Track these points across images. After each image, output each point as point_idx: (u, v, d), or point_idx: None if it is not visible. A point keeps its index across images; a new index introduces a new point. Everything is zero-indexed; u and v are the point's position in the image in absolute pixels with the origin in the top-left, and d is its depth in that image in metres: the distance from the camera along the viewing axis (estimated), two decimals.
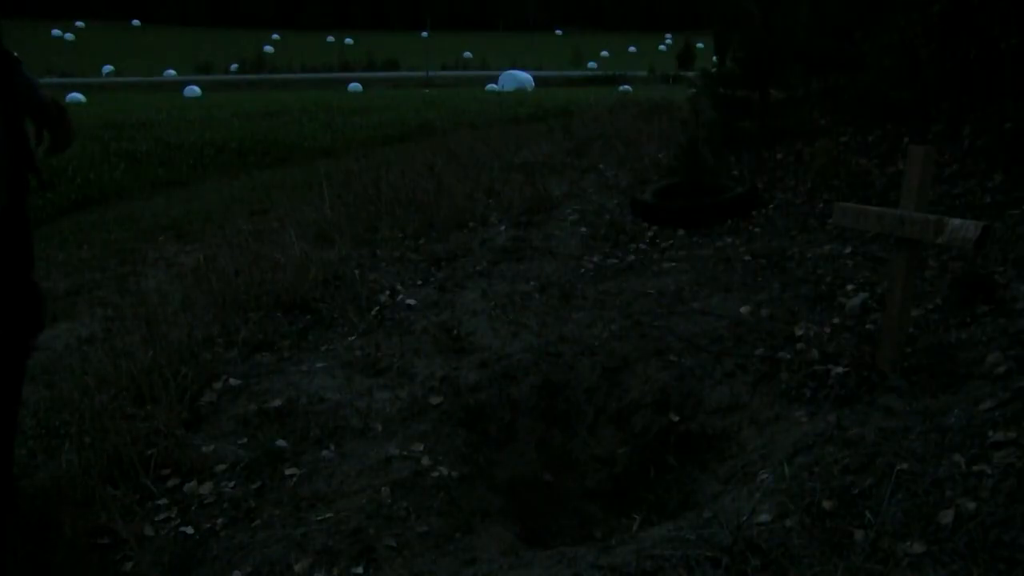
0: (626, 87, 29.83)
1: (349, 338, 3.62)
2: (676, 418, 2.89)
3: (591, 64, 72.19)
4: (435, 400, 2.99)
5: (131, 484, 2.47)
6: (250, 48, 75.76)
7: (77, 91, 34.93)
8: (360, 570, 2.07)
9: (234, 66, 68.85)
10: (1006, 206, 4.27)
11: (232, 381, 3.17)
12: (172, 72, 62.37)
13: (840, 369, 2.80)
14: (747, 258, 4.30)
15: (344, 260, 4.77)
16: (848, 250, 4.15)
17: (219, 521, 2.30)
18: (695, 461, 2.74)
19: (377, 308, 3.98)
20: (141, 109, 18.56)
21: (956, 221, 2.48)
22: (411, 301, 4.04)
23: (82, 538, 2.19)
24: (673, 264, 4.38)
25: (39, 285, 2.02)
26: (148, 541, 2.23)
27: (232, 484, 2.47)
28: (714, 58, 8.02)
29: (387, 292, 4.20)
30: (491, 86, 38.38)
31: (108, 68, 65.53)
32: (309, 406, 2.93)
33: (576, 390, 3.13)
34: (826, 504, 1.98)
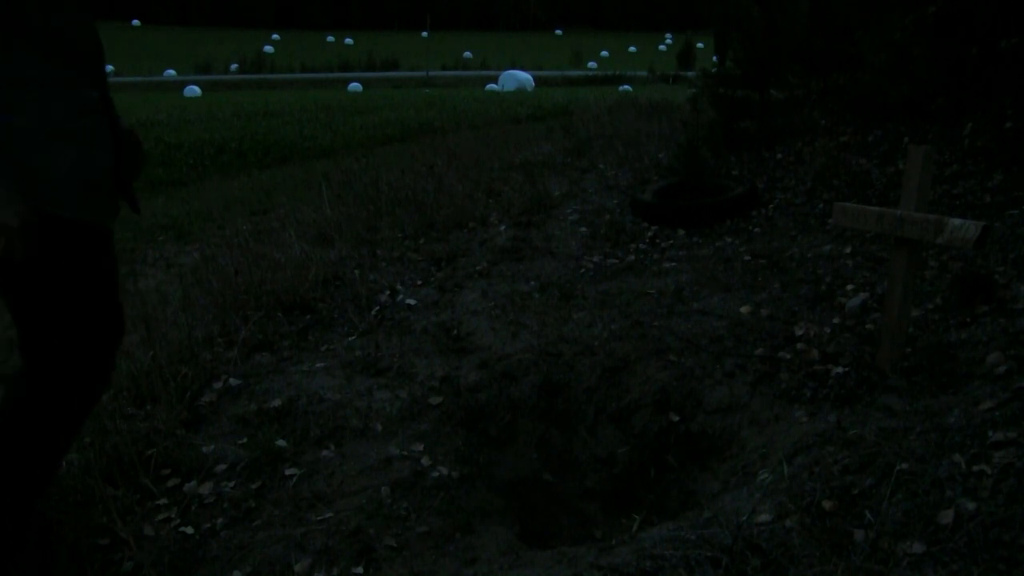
0: (626, 87, 29.80)
1: (349, 338, 3.62)
2: (676, 418, 2.89)
3: (591, 64, 72.16)
4: (435, 400, 2.99)
5: (131, 484, 2.47)
6: (250, 48, 75.74)
7: None
8: (360, 570, 2.07)
9: (234, 66, 68.83)
10: (1006, 206, 4.27)
11: (232, 381, 3.17)
12: (172, 72, 62.37)
13: (840, 369, 2.80)
14: (747, 258, 4.30)
15: (344, 260, 4.77)
16: (848, 250, 4.15)
17: (219, 521, 2.30)
18: (695, 461, 2.74)
19: (377, 308, 3.98)
20: (141, 109, 18.54)
21: (956, 221, 2.48)
22: (411, 301, 4.04)
23: (82, 538, 2.19)
24: (673, 264, 4.38)
25: (123, 306, 2.05)
26: (148, 541, 2.23)
27: (232, 484, 2.47)
28: (714, 58, 8.01)
29: (387, 292, 4.20)
30: (491, 86, 38.36)
31: (108, 68, 65.40)
32: (309, 406, 2.93)
33: (576, 390, 3.13)
34: (826, 504, 1.98)
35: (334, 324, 3.82)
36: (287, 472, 2.52)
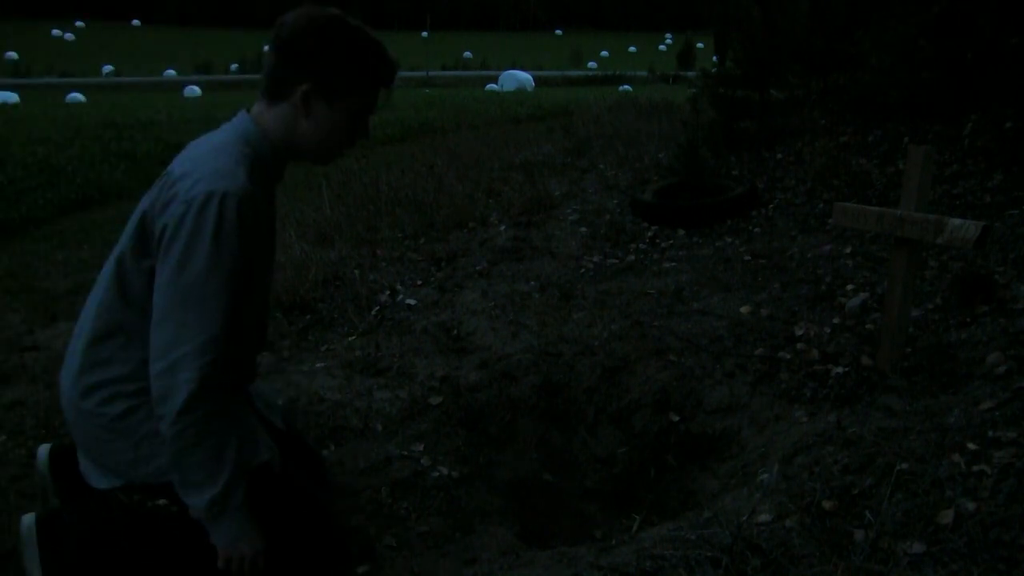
0: (626, 87, 29.79)
1: (349, 338, 3.62)
2: (676, 418, 2.89)
3: (591, 64, 72.18)
4: (435, 400, 2.99)
5: None
6: (250, 48, 75.70)
7: (77, 91, 34.94)
8: (360, 570, 2.07)
9: (234, 66, 68.84)
10: (1006, 206, 4.26)
11: None
12: (172, 72, 62.41)
13: (840, 369, 2.80)
14: (747, 258, 4.30)
15: (344, 260, 4.77)
16: (848, 250, 4.15)
17: None
18: (695, 461, 2.74)
19: (377, 308, 3.98)
20: (141, 109, 18.52)
21: (956, 221, 2.48)
22: (411, 301, 4.04)
23: None
24: (673, 264, 4.37)
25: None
26: None
27: None
28: (714, 58, 8.01)
29: (387, 292, 4.20)
30: (491, 86, 38.33)
31: (108, 68, 65.56)
32: (309, 406, 2.93)
33: (576, 390, 3.13)
34: (826, 504, 1.98)
35: (334, 324, 3.82)
36: None
